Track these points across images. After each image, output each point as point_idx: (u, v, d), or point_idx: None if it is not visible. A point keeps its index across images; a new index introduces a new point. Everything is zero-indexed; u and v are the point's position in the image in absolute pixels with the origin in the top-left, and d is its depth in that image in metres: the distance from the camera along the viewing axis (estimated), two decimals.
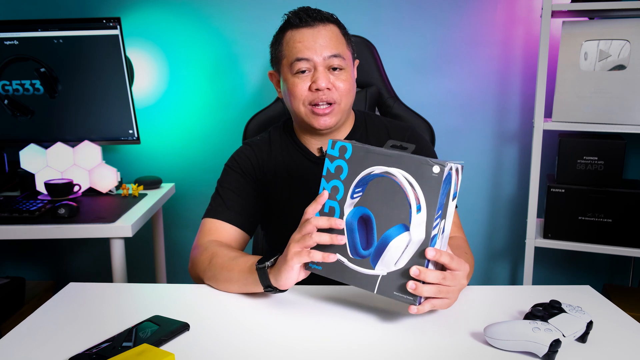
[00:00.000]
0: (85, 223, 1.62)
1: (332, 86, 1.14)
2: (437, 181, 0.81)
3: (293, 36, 1.16)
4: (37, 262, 2.41)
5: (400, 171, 0.84)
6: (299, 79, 1.15)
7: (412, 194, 0.83)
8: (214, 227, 1.17)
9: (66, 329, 0.90)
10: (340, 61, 1.15)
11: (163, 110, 2.22)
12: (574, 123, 1.83)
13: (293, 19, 1.16)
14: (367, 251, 0.87)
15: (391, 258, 0.85)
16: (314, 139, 1.24)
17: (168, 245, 2.28)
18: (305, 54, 1.13)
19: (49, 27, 1.92)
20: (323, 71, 1.14)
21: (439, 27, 2.10)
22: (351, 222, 0.88)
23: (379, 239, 0.86)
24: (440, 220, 0.85)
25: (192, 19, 2.15)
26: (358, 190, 0.87)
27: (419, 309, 0.85)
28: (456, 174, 0.85)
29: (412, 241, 0.84)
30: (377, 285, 0.87)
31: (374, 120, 1.30)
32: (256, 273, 0.96)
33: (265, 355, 0.81)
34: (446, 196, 0.84)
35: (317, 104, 1.14)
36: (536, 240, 1.92)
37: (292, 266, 0.90)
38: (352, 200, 0.88)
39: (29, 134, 2.00)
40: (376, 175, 0.86)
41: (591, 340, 0.85)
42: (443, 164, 0.80)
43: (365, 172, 0.87)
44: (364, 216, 0.87)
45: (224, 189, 1.22)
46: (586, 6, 1.77)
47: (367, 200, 0.87)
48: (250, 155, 1.25)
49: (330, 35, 1.15)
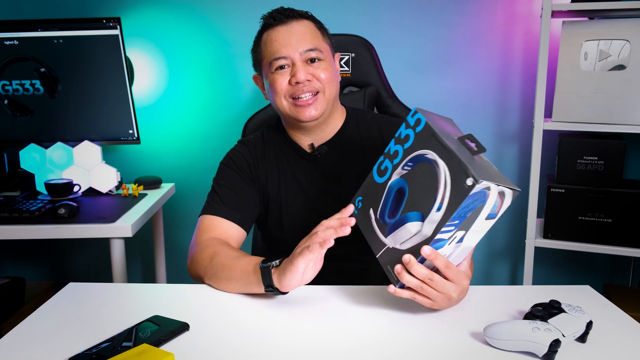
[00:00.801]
0: (85, 223, 1.62)
1: (312, 77, 1.15)
2: (465, 192, 0.79)
3: (269, 36, 1.18)
4: (37, 262, 2.41)
5: (445, 166, 0.84)
6: (278, 75, 1.17)
7: (441, 192, 0.83)
8: (212, 224, 1.17)
9: (66, 329, 0.90)
10: (318, 53, 1.16)
11: (163, 110, 2.22)
12: (574, 123, 1.83)
13: (267, 20, 1.19)
14: (390, 220, 0.91)
15: (401, 237, 0.89)
16: (303, 135, 1.24)
17: (168, 245, 2.28)
18: (282, 51, 1.15)
19: (49, 27, 1.92)
20: (301, 65, 1.15)
21: (439, 27, 2.10)
22: (391, 189, 0.92)
23: (400, 216, 0.89)
24: (457, 230, 0.84)
25: (192, 19, 2.15)
26: (410, 164, 0.90)
27: (397, 291, 0.89)
28: (499, 196, 0.82)
29: (420, 232, 0.85)
30: (381, 253, 0.92)
31: (366, 116, 1.30)
32: (259, 273, 0.96)
33: (265, 355, 0.81)
34: (473, 211, 0.82)
35: (299, 96, 1.15)
36: (536, 240, 1.92)
37: (297, 267, 0.90)
38: (402, 170, 0.91)
39: (29, 134, 2.00)
40: (427, 159, 0.87)
41: (591, 340, 0.85)
42: (477, 180, 0.78)
43: (421, 151, 0.89)
44: (401, 189, 0.90)
45: (221, 186, 1.22)
46: (586, 6, 1.77)
47: (410, 177, 0.90)
48: (245, 153, 1.26)
49: (305, 30, 1.17)
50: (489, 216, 0.85)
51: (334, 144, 1.25)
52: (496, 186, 0.80)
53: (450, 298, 0.89)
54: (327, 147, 1.24)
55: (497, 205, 0.84)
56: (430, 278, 0.86)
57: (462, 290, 0.91)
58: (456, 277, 0.88)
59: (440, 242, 0.84)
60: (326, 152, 1.24)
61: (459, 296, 0.91)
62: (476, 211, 0.82)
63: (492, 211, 0.84)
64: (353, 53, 1.59)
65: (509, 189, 0.82)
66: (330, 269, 0.99)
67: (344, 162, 1.24)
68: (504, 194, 0.83)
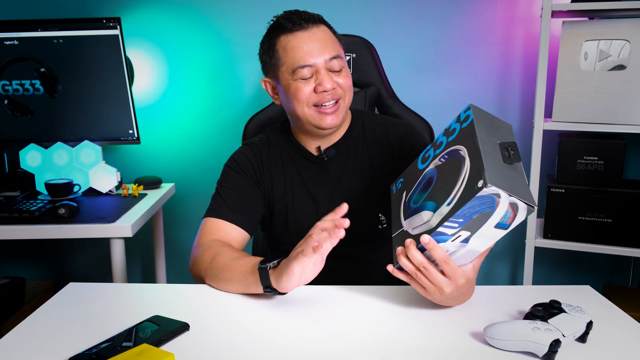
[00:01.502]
0: (85, 223, 1.62)
1: (335, 85, 1.15)
2: (473, 192, 0.80)
3: (289, 41, 1.14)
4: (37, 262, 2.41)
5: (469, 165, 0.84)
6: (303, 83, 1.14)
7: (457, 188, 0.84)
8: (215, 226, 1.17)
9: (66, 329, 0.90)
10: (339, 62, 1.15)
11: (163, 110, 2.22)
12: (574, 123, 1.83)
13: (285, 23, 1.14)
14: (413, 205, 0.94)
15: (415, 222, 0.91)
16: (312, 139, 1.24)
17: (168, 245, 2.28)
18: (308, 60, 1.12)
19: (49, 27, 1.92)
20: (326, 73, 1.14)
21: (439, 27, 2.10)
22: (425, 176, 0.95)
23: (421, 203, 0.91)
24: (460, 229, 0.84)
25: (192, 19, 2.15)
26: (445, 157, 0.92)
27: (395, 271, 0.91)
28: (511, 207, 0.81)
29: (429, 222, 0.87)
30: (397, 233, 0.96)
31: (371, 118, 1.30)
32: (257, 274, 0.96)
33: (265, 355, 0.81)
34: (479, 214, 0.82)
35: (323, 104, 1.14)
36: (536, 240, 1.92)
37: (293, 271, 0.91)
38: (438, 161, 0.94)
39: (29, 134, 2.00)
40: (459, 155, 0.88)
41: (591, 340, 0.85)
42: (486, 184, 0.77)
43: (457, 146, 0.90)
44: (431, 178, 0.93)
45: (225, 189, 1.22)
46: (586, 6, 1.77)
47: (442, 169, 0.92)
48: (250, 156, 1.25)
49: (326, 37, 1.15)
50: (499, 225, 0.84)
51: (340, 146, 1.24)
52: (507, 196, 0.79)
53: (442, 292, 0.89)
54: (334, 151, 1.24)
55: (509, 216, 0.83)
56: (425, 267, 0.87)
57: (458, 288, 0.89)
58: (453, 274, 0.88)
59: (442, 236, 0.85)
60: (333, 155, 1.24)
61: (454, 294, 0.90)
62: (484, 215, 0.82)
63: (502, 220, 0.83)
64: (354, 54, 1.59)
65: (522, 203, 0.80)
66: (331, 268, 0.99)
67: (350, 164, 1.24)
68: (516, 207, 0.81)
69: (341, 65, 1.16)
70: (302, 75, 1.13)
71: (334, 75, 1.15)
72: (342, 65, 1.16)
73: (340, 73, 1.16)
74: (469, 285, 0.91)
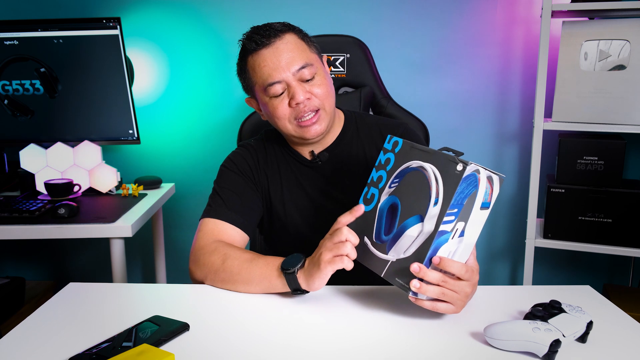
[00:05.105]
0: (85, 223, 1.62)
1: (310, 95, 1.12)
2: (457, 178, 0.83)
3: (255, 61, 1.12)
4: (37, 262, 2.41)
5: (431, 166, 0.87)
6: (277, 101, 1.13)
7: (434, 188, 0.86)
8: (216, 228, 1.15)
9: (66, 329, 0.90)
10: (310, 69, 1.12)
11: (163, 110, 2.22)
12: (574, 123, 1.83)
13: (249, 44, 1.12)
14: (387, 237, 0.92)
15: (403, 246, 0.90)
16: (303, 146, 1.23)
17: (168, 245, 2.28)
18: (274, 77, 1.10)
19: (49, 27, 1.92)
20: (297, 85, 1.11)
21: (438, 27, 2.10)
22: (382, 209, 0.94)
23: (398, 227, 0.90)
24: (457, 221, 0.85)
25: (192, 19, 2.15)
26: (396, 181, 0.93)
27: (419, 302, 0.88)
28: (488, 182, 0.86)
29: (422, 232, 0.87)
30: (385, 270, 0.92)
31: (365, 119, 1.29)
32: (282, 277, 0.99)
33: (265, 355, 0.81)
34: (468, 198, 0.84)
35: (302, 117, 1.13)
36: (536, 240, 1.92)
37: (327, 273, 0.94)
38: (389, 189, 0.94)
39: (29, 134, 2.00)
40: (412, 169, 0.90)
41: (591, 340, 0.85)
42: (466, 163, 0.82)
43: (405, 165, 0.92)
44: (393, 204, 0.92)
45: (223, 189, 1.20)
46: (586, 6, 1.77)
47: (400, 191, 0.92)
48: (247, 157, 1.25)
49: (291, 47, 1.12)
50: (483, 205, 0.87)
51: (334, 149, 1.24)
52: (484, 170, 0.85)
53: (467, 296, 0.90)
54: (327, 154, 1.23)
55: (488, 192, 0.87)
56: (444, 280, 0.87)
57: (475, 285, 0.92)
58: (470, 276, 0.89)
59: (443, 236, 0.85)
60: (327, 159, 1.24)
61: (472, 290, 0.92)
62: (471, 198, 0.85)
63: (485, 199, 0.87)
64: (348, 54, 1.59)
65: (495, 174, 0.86)
66: None
67: (345, 166, 1.24)
68: (492, 180, 0.87)
69: (312, 72, 1.12)
70: (275, 92, 1.12)
71: (307, 84, 1.12)
72: (313, 73, 1.12)
73: (314, 81, 1.13)
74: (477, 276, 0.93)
